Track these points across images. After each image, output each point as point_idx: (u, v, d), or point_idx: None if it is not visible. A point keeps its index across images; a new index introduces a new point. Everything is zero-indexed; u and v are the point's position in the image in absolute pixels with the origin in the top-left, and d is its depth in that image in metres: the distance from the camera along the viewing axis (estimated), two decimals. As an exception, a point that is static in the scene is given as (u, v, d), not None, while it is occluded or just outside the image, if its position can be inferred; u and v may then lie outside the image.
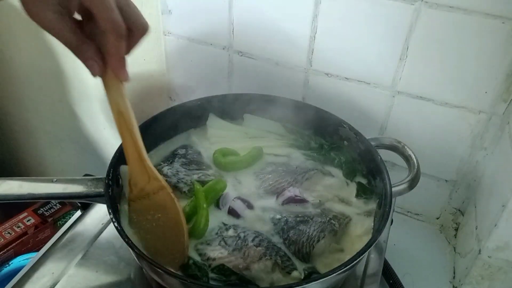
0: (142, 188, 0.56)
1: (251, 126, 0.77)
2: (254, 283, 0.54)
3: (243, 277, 0.54)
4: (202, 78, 0.90)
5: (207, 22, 0.82)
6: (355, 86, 0.76)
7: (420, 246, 0.81)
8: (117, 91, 0.54)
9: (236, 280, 0.53)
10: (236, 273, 0.54)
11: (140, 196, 0.57)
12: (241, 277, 0.54)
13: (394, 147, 0.69)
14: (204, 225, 0.58)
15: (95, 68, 0.52)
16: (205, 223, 0.58)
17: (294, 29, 0.75)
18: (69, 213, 1.22)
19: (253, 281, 0.54)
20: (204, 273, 0.54)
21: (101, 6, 0.49)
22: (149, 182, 0.56)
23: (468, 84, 0.68)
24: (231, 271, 0.54)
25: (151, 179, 0.56)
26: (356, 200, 0.65)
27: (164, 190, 0.56)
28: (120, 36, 0.50)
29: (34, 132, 1.33)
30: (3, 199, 0.59)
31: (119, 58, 0.52)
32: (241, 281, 0.53)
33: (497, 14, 0.60)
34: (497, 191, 0.65)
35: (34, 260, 0.68)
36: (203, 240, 0.58)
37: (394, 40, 0.68)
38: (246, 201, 0.63)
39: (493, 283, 0.67)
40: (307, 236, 0.57)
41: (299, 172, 0.67)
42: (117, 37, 0.50)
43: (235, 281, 0.53)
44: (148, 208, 0.57)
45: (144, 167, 0.56)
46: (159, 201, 0.56)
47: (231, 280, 0.53)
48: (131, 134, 0.54)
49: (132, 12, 0.53)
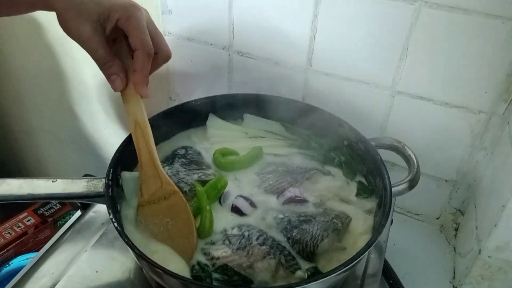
0: (154, 192, 0.59)
1: (251, 126, 0.77)
2: (256, 284, 0.54)
3: (246, 278, 0.54)
4: (202, 78, 0.90)
5: (207, 22, 0.82)
6: (355, 86, 0.76)
7: (420, 246, 0.81)
8: (137, 104, 0.60)
9: (239, 281, 0.53)
10: (239, 273, 0.54)
11: (150, 200, 0.59)
12: (244, 278, 0.54)
13: (394, 147, 0.69)
14: (209, 227, 0.58)
15: (118, 83, 0.59)
16: (210, 224, 0.58)
17: (294, 29, 0.75)
18: (69, 213, 1.22)
19: (256, 282, 0.54)
20: (207, 274, 0.54)
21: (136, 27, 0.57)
22: (161, 187, 0.59)
23: (468, 84, 0.68)
24: (234, 272, 0.54)
25: (163, 184, 0.59)
26: (356, 199, 0.65)
27: (176, 194, 0.59)
28: (148, 55, 0.58)
29: (34, 132, 1.33)
30: (3, 199, 0.59)
31: (143, 76, 0.58)
32: (244, 281, 0.53)
33: (497, 14, 0.60)
34: (497, 191, 0.65)
35: (34, 260, 0.68)
36: (207, 239, 0.58)
37: (394, 40, 0.68)
38: (249, 199, 0.63)
39: (493, 283, 0.67)
40: (311, 235, 0.58)
41: (299, 172, 0.67)
42: (146, 55, 0.57)
43: (238, 282, 0.53)
44: (158, 212, 0.59)
45: (157, 173, 0.59)
46: (170, 205, 0.59)
47: (234, 281, 0.53)
48: (147, 143, 0.60)
49: (159, 39, 0.61)
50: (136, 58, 0.58)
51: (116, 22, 0.57)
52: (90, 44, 0.56)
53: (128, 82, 0.60)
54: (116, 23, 0.57)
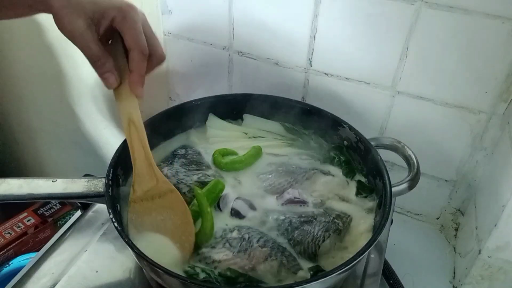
0: (148, 190, 0.59)
1: (250, 126, 0.77)
2: (260, 284, 0.54)
3: (251, 278, 0.54)
4: (202, 78, 0.90)
5: (207, 22, 0.82)
6: (355, 86, 0.76)
7: (420, 246, 0.81)
8: (131, 103, 0.60)
9: (245, 282, 0.53)
10: (243, 274, 0.54)
11: (143, 198, 0.59)
12: (249, 278, 0.54)
13: (394, 147, 0.69)
14: (211, 230, 0.58)
15: (112, 80, 0.59)
16: (211, 227, 0.58)
17: (294, 29, 0.75)
18: (69, 213, 1.22)
19: (259, 282, 0.54)
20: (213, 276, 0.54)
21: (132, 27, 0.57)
22: (157, 184, 0.59)
23: (468, 84, 0.68)
24: (238, 273, 0.54)
25: (159, 182, 0.59)
26: (356, 198, 0.65)
27: (174, 193, 0.59)
28: (143, 56, 0.58)
29: (34, 132, 1.33)
30: (3, 199, 0.59)
31: (139, 75, 0.59)
32: (249, 281, 0.53)
33: (497, 14, 0.60)
34: (497, 191, 0.65)
35: (34, 260, 0.68)
36: (207, 243, 0.57)
37: (394, 40, 0.68)
38: (248, 201, 0.63)
39: (493, 283, 0.67)
40: (312, 236, 0.58)
41: (299, 172, 0.67)
42: (141, 56, 0.58)
43: (243, 283, 0.53)
44: (151, 210, 0.59)
45: (152, 171, 0.59)
46: (165, 203, 0.59)
47: (239, 282, 0.53)
48: (142, 141, 0.60)
49: (154, 41, 0.61)
50: (132, 58, 0.58)
51: (111, 21, 0.57)
52: (83, 40, 0.55)
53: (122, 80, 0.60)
54: (111, 22, 0.58)
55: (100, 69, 0.58)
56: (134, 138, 0.59)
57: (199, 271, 0.54)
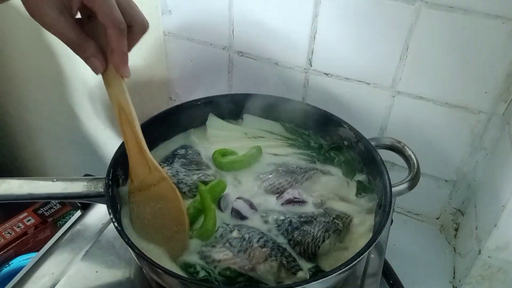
0: (143, 179, 0.58)
1: (250, 126, 0.77)
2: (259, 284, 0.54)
3: (251, 278, 0.54)
4: (202, 78, 0.90)
5: (207, 22, 0.82)
6: (355, 86, 0.76)
7: (420, 246, 0.81)
8: (119, 87, 0.55)
9: (244, 282, 0.53)
10: (243, 274, 0.54)
11: (140, 187, 0.58)
12: (248, 278, 0.54)
13: (394, 147, 0.69)
14: (213, 226, 0.58)
15: (97, 65, 0.54)
16: (213, 224, 0.58)
17: (294, 29, 0.75)
18: (69, 213, 1.22)
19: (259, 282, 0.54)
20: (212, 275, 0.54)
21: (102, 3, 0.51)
22: (150, 173, 0.58)
23: (468, 84, 0.68)
24: (238, 273, 0.54)
25: (152, 170, 0.58)
26: (356, 198, 0.65)
27: (165, 181, 0.57)
28: (120, 32, 0.52)
29: (34, 132, 1.33)
30: (3, 199, 0.59)
31: (121, 54, 0.53)
32: (248, 281, 0.53)
33: (497, 14, 0.60)
34: (497, 191, 0.65)
35: (34, 260, 0.68)
36: (208, 242, 0.57)
37: (394, 40, 0.68)
38: (248, 201, 0.63)
39: (493, 283, 0.67)
40: (312, 237, 0.58)
41: (299, 172, 0.67)
42: (118, 32, 0.52)
43: (243, 283, 0.53)
44: (149, 199, 0.58)
45: (145, 158, 0.57)
46: (160, 192, 0.58)
47: (239, 282, 0.53)
48: (132, 127, 0.56)
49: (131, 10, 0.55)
50: (109, 36, 0.52)
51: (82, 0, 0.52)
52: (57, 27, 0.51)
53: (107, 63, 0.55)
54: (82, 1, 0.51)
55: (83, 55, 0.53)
56: (125, 126, 0.56)
57: (199, 269, 0.54)
